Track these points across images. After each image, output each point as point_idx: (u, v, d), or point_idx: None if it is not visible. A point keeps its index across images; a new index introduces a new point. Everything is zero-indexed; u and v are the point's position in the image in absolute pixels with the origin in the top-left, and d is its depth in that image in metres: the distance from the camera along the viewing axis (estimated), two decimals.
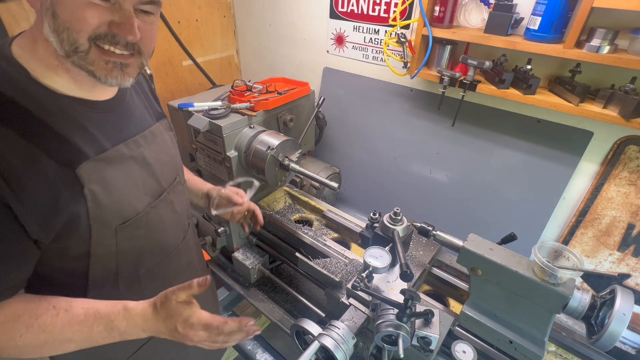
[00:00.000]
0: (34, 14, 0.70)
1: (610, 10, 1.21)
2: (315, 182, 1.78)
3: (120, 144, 0.79)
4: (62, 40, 0.64)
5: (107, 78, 0.70)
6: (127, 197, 0.79)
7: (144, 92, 0.97)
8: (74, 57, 0.65)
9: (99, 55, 0.67)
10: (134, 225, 0.81)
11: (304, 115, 1.92)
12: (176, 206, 0.97)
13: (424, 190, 2.05)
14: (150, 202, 0.86)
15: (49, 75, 0.69)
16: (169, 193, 0.93)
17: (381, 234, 1.14)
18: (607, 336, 0.84)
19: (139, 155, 0.83)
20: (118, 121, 0.81)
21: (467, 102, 1.69)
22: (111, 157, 0.76)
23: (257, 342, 1.66)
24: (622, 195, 1.49)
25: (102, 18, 0.64)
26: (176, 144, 1.05)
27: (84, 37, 0.64)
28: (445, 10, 1.49)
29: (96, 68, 0.68)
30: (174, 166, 0.97)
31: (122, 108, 0.84)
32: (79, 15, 0.62)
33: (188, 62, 2.28)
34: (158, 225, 0.89)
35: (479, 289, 1.08)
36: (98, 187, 0.72)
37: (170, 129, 1.03)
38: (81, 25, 0.63)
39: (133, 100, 0.89)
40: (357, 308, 1.12)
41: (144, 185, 0.84)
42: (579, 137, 1.52)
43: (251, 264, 1.67)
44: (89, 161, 0.71)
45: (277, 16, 2.27)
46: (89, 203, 0.71)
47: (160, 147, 0.92)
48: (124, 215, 0.78)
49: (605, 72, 1.35)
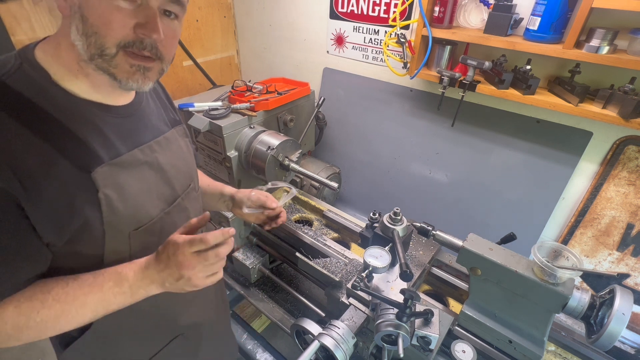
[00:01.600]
0: (34, 14, 0.71)
1: (609, 10, 1.21)
2: (315, 182, 1.79)
3: (135, 149, 0.79)
4: (89, 44, 0.64)
5: (127, 81, 0.70)
6: (141, 202, 0.79)
7: (159, 99, 0.97)
8: (98, 60, 0.66)
9: (125, 58, 0.67)
10: (148, 231, 0.81)
11: (304, 116, 1.93)
12: (191, 213, 0.96)
13: (423, 190, 2.05)
14: (164, 208, 0.85)
15: (69, 78, 0.69)
16: (183, 199, 0.92)
17: (381, 233, 1.14)
18: (606, 336, 0.84)
19: (154, 160, 0.83)
20: (134, 126, 0.81)
21: (467, 102, 1.69)
22: (126, 162, 0.76)
23: (257, 342, 1.67)
24: (621, 195, 1.49)
25: (127, 21, 0.64)
26: (191, 151, 1.04)
27: (112, 42, 0.65)
28: (445, 10, 1.49)
29: (119, 71, 0.68)
30: (188, 173, 0.97)
31: (139, 113, 0.84)
32: (106, 20, 0.63)
33: (188, 62, 2.29)
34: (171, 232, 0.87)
35: (478, 289, 1.08)
36: (112, 192, 0.72)
37: (185, 135, 1.02)
38: (108, 29, 0.64)
39: (149, 106, 0.89)
40: (357, 308, 1.12)
41: (158, 191, 0.84)
42: (579, 137, 1.52)
43: (251, 264, 1.67)
44: (104, 165, 0.71)
45: (277, 16, 2.27)
46: (103, 207, 0.71)
47: (175, 154, 0.92)
48: (137, 220, 0.78)
49: (604, 72, 1.36)
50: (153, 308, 0.89)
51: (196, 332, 1.10)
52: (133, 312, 0.82)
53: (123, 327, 0.89)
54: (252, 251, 1.74)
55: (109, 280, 0.74)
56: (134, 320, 0.90)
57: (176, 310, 1.00)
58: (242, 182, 1.66)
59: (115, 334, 0.90)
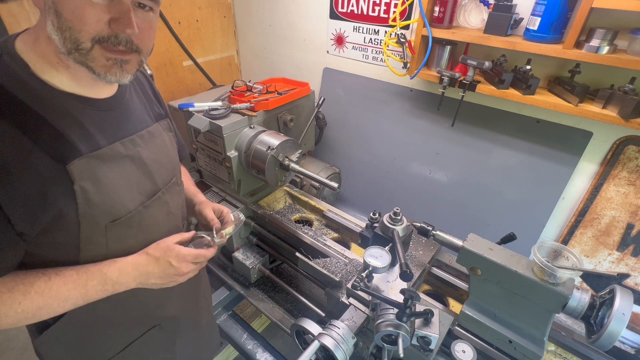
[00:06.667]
0: (34, 13, 0.71)
1: (609, 10, 1.21)
2: (315, 182, 1.79)
3: (117, 143, 0.80)
4: (65, 39, 0.65)
5: (106, 74, 0.71)
6: (120, 195, 0.79)
7: (144, 92, 0.98)
8: (75, 54, 0.66)
9: (101, 52, 0.68)
10: (125, 224, 0.82)
11: (304, 116, 1.93)
12: (171, 207, 0.97)
13: (423, 190, 2.05)
14: (144, 202, 0.86)
15: (49, 71, 0.70)
16: (164, 193, 0.93)
17: (381, 233, 1.14)
18: (606, 336, 0.84)
19: (135, 154, 0.84)
20: (116, 119, 0.82)
21: (467, 102, 1.69)
22: (106, 154, 0.77)
23: (257, 342, 1.67)
24: (621, 195, 1.49)
25: (101, 16, 0.65)
26: (175, 146, 1.05)
27: (86, 37, 0.65)
28: (445, 10, 1.49)
29: (96, 65, 0.69)
30: (171, 167, 0.97)
31: (122, 107, 0.84)
32: (79, 15, 0.63)
33: (188, 62, 2.29)
34: (150, 225, 0.89)
35: (478, 289, 1.08)
36: (89, 184, 0.73)
37: (170, 129, 1.03)
38: (81, 24, 0.64)
39: (133, 99, 0.90)
40: (357, 308, 1.12)
41: (138, 184, 0.84)
42: (579, 137, 1.52)
43: (251, 264, 1.67)
44: (81, 158, 0.71)
45: (277, 16, 2.27)
46: (79, 199, 0.71)
47: (158, 148, 0.92)
48: (114, 213, 0.79)
49: (604, 72, 1.36)
50: (131, 297, 0.90)
51: (174, 323, 1.10)
52: (110, 301, 0.84)
53: (99, 314, 0.90)
54: (252, 251, 1.74)
55: (93, 279, 0.77)
56: (110, 309, 0.91)
57: (154, 302, 1.01)
58: (242, 182, 1.66)
59: (91, 321, 0.90)
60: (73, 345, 0.92)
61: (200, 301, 1.24)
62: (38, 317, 0.75)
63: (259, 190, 1.79)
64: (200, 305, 1.26)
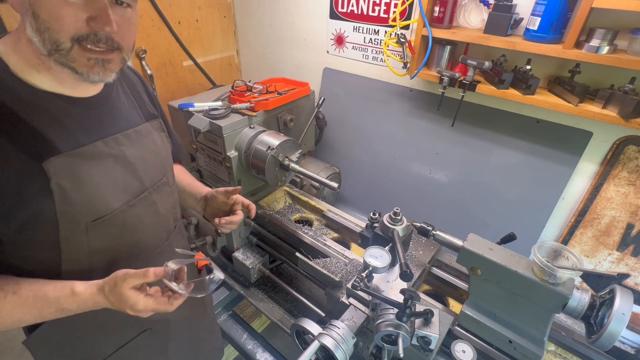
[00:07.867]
0: None
1: (609, 10, 1.21)
2: (315, 182, 1.79)
3: (99, 141, 0.79)
4: (44, 40, 0.65)
5: (89, 74, 0.71)
6: (101, 194, 0.79)
7: (134, 92, 0.96)
8: (56, 55, 0.67)
9: (81, 52, 0.68)
10: (107, 223, 0.81)
11: (304, 116, 1.93)
12: (160, 207, 0.95)
13: (423, 190, 2.05)
14: (129, 201, 0.85)
15: (29, 71, 0.70)
16: (151, 193, 0.91)
17: (381, 233, 1.14)
18: (606, 336, 0.84)
19: (120, 153, 0.83)
20: (100, 118, 0.81)
21: (467, 102, 1.69)
22: (87, 153, 0.76)
23: (257, 342, 1.67)
24: (621, 195, 1.49)
25: (79, 15, 0.65)
26: (167, 146, 1.03)
27: (65, 37, 0.65)
28: (445, 10, 1.49)
29: (78, 65, 0.69)
30: (161, 166, 0.96)
31: (107, 105, 0.84)
32: (56, 15, 0.64)
33: (188, 62, 2.29)
34: (135, 225, 0.88)
35: (478, 289, 1.08)
36: (67, 183, 0.72)
37: (162, 129, 1.01)
38: (60, 25, 0.64)
39: (120, 98, 0.89)
40: (357, 308, 1.12)
41: (124, 183, 0.84)
42: (579, 137, 1.52)
43: (251, 264, 1.67)
44: (60, 155, 0.71)
45: (277, 16, 2.27)
46: (56, 197, 0.71)
47: (147, 147, 0.91)
48: (96, 212, 0.78)
49: (604, 72, 1.36)
50: None
51: (165, 327, 1.09)
52: None
53: (87, 318, 0.88)
54: (252, 251, 1.74)
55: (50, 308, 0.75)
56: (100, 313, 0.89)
57: None
58: (242, 182, 1.66)
59: (79, 324, 0.90)
60: (64, 348, 0.92)
61: (195, 304, 1.21)
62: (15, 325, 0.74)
63: (259, 190, 1.79)
64: (196, 308, 1.23)
